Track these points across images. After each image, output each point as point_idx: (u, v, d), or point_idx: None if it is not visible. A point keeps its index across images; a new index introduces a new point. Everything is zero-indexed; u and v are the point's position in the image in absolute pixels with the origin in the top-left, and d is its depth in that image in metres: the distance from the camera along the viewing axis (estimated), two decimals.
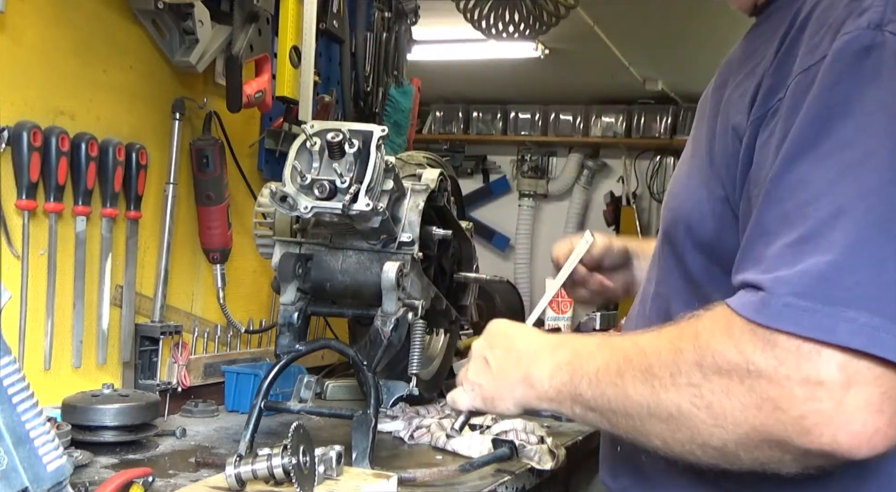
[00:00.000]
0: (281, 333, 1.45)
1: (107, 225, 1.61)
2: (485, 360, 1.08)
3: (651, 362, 0.85)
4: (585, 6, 3.56)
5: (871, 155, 0.77)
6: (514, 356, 1.04)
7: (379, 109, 2.39)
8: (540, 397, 0.98)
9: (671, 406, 0.82)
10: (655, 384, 0.83)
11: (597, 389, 0.90)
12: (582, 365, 0.93)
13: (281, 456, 1.06)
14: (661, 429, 0.84)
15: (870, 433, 0.72)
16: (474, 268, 1.90)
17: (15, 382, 0.87)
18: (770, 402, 0.75)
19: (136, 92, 1.71)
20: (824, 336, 0.73)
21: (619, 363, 0.89)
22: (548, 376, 0.97)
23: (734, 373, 0.77)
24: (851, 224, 0.75)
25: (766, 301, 0.76)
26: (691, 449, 0.82)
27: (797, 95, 0.82)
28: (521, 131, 6.42)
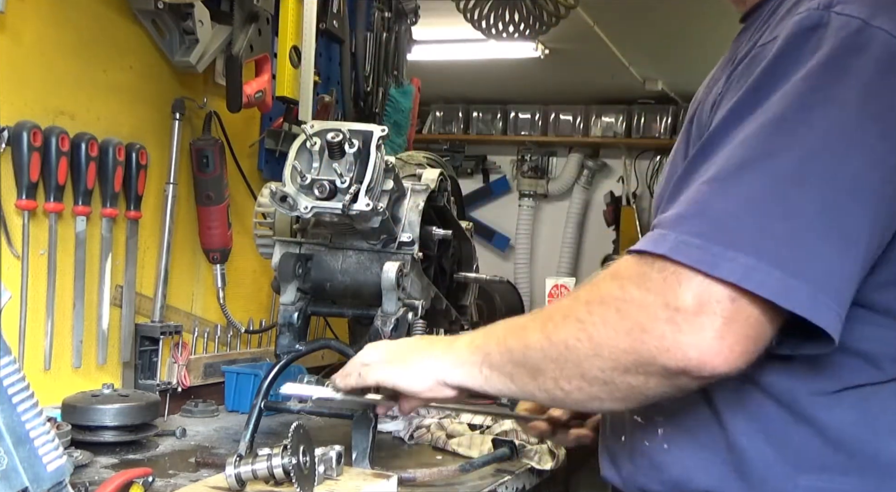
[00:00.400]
0: (281, 333, 1.45)
1: (107, 225, 1.61)
2: (407, 344, 1.13)
3: (550, 311, 0.93)
4: (585, 6, 3.56)
5: (786, 119, 0.84)
6: (436, 341, 1.12)
7: (379, 109, 2.39)
8: (455, 363, 1.02)
9: (560, 344, 0.89)
10: (549, 327, 0.91)
11: (503, 345, 0.96)
12: (497, 330, 0.99)
13: (281, 456, 1.06)
14: (553, 370, 0.90)
15: (714, 354, 0.81)
16: (474, 268, 1.90)
17: (15, 382, 0.87)
18: (638, 325, 0.83)
19: (136, 92, 1.71)
20: (703, 267, 0.81)
21: (525, 320, 0.96)
22: (467, 344, 1.02)
23: (612, 303, 0.86)
24: (754, 176, 0.83)
25: (665, 236, 0.84)
26: (579, 385, 0.89)
27: (748, 67, 0.91)
28: (521, 131, 6.41)
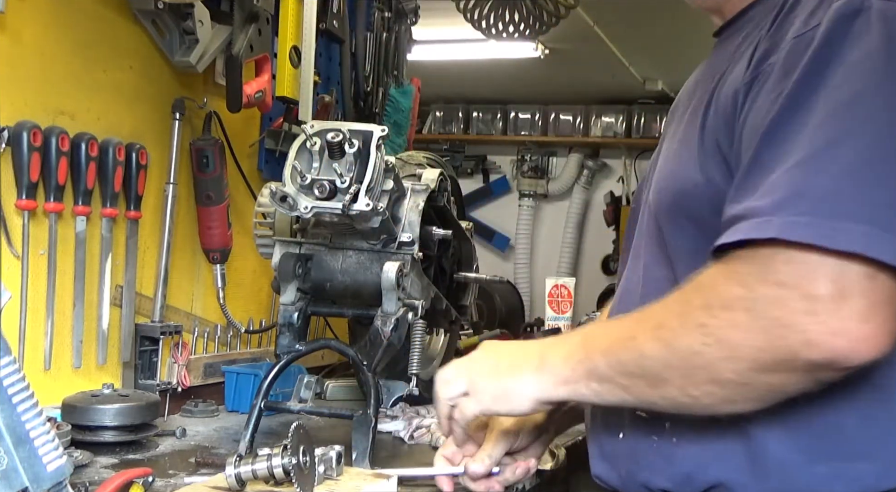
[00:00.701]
0: (281, 333, 1.45)
1: (107, 225, 1.61)
2: (468, 369, 1.08)
3: (660, 319, 0.90)
4: (585, 6, 3.56)
5: (859, 96, 0.86)
6: (517, 354, 1.05)
7: (379, 109, 2.39)
8: (558, 382, 0.98)
9: (685, 351, 0.87)
10: (667, 336, 0.88)
11: (612, 357, 0.93)
12: (595, 341, 0.97)
13: (281, 456, 1.06)
14: (678, 378, 0.88)
15: (862, 339, 0.79)
16: (474, 268, 1.90)
17: (15, 382, 0.87)
18: (774, 322, 0.81)
19: (136, 92, 1.71)
20: (822, 242, 0.79)
21: (630, 329, 0.93)
22: (562, 359, 0.98)
23: (738, 304, 0.83)
24: (843, 152, 0.83)
25: (769, 221, 0.82)
26: (710, 389, 0.87)
27: (792, 56, 0.90)
28: (521, 131, 6.42)
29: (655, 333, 0.90)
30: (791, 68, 0.90)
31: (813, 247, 0.80)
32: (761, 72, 0.93)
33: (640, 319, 0.94)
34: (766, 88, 0.91)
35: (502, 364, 1.05)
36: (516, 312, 4.39)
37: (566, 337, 1.05)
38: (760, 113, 0.91)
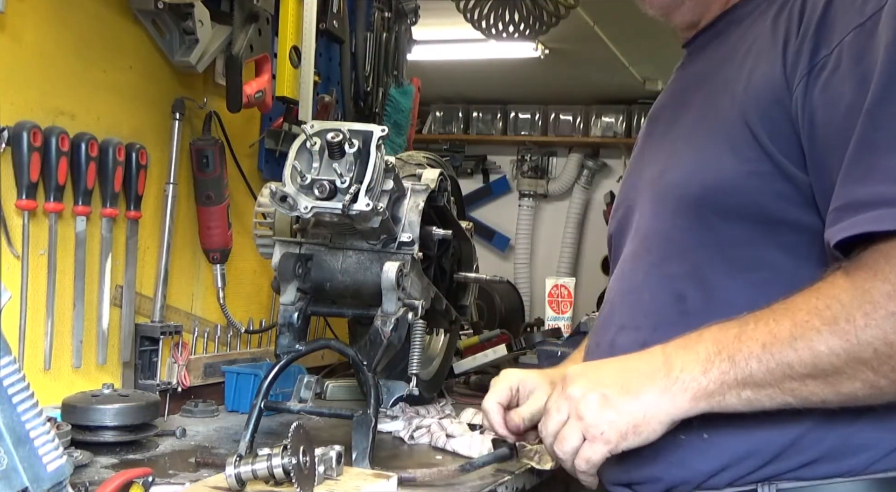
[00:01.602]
0: (281, 333, 1.45)
1: (107, 225, 1.61)
2: (601, 395, 0.95)
3: (834, 313, 0.86)
4: (585, 6, 3.56)
5: None
6: (636, 375, 0.95)
7: (379, 109, 2.39)
8: (697, 396, 0.91)
9: (875, 341, 0.84)
10: (848, 328, 0.85)
11: (771, 361, 0.88)
12: (739, 347, 0.90)
13: (281, 456, 1.06)
14: (864, 371, 0.85)
15: None
16: (474, 268, 1.90)
17: (15, 382, 0.86)
18: None
19: (136, 92, 1.71)
20: None
21: (788, 328, 0.88)
22: (700, 372, 0.91)
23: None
24: None
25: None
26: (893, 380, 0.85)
27: (859, 45, 0.92)
28: (521, 131, 6.41)
29: (832, 328, 0.86)
30: (864, 54, 0.91)
31: None
32: (818, 64, 0.94)
33: (793, 317, 0.89)
34: (840, 75, 0.92)
35: (615, 389, 0.94)
36: (516, 312, 4.39)
37: (688, 343, 0.94)
38: (843, 98, 0.91)
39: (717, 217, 1.01)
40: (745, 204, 0.99)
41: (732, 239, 1.01)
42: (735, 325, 0.92)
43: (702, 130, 1.07)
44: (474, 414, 1.66)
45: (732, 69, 1.06)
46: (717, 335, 0.92)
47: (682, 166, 1.08)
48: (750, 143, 0.99)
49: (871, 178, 0.87)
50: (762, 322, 0.90)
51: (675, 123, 1.16)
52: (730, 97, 1.03)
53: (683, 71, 1.24)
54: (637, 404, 0.92)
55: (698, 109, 1.11)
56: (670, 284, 1.05)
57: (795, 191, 0.97)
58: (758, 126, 0.98)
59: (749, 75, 1.02)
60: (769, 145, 0.98)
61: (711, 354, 0.91)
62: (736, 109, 1.01)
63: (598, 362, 1.02)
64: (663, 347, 0.96)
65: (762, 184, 0.98)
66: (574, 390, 0.96)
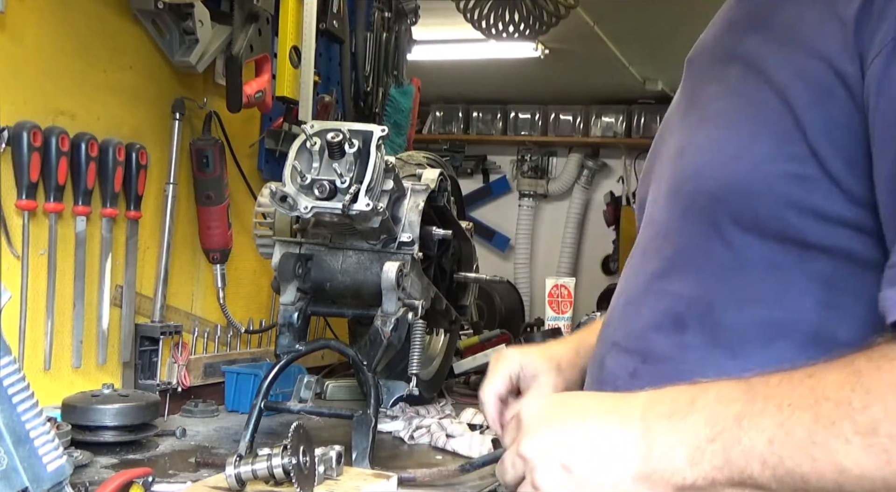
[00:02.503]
0: (281, 333, 1.45)
1: (107, 225, 1.61)
2: (562, 466, 0.75)
3: (874, 418, 0.62)
4: (585, 6, 3.56)
5: None
6: (606, 445, 0.74)
7: (379, 109, 2.39)
8: (679, 489, 0.71)
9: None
10: (891, 448, 0.61)
11: (780, 467, 0.65)
12: (739, 438, 0.68)
13: (281, 456, 1.06)
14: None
15: None
16: (474, 268, 1.90)
17: (15, 382, 0.87)
18: None
19: (136, 92, 1.71)
20: None
21: (807, 427, 0.64)
22: (686, 461, 0.70)
23: None
24: None
25: None
26: None
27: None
28: (521, 131, 6.41)
29: (867, 442, 0.61)
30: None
31: None
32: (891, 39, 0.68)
33: (816, 409, 0.64)
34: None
35: (578, 462, 0.75)
36: (516, 313, 4.39)
37: (676, 412, 0.72)
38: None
39: (734, 226, 0.79)
40: (773, 215, 0.76)
41: (750, 259, 0.78)
42: (738, 396, 0.69)
43: (733, 103, 0.81)
44: (474, 414, 1.67)
45: (793, 11, 0.78)
46: (713, 410, 0.70)
47: (703, 149, 0.84)
48: (790, 131, 0.74)
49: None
50: (773, 404, 0.66)
51: (711, 77, 0.87)
52: (775, 58, 0.77)
53: (738, 2, 0.91)
54: (607, 487, 0.73)
55: (741, 66, 0.82)
56: (671, 305, 0.85)
57: (845, 208, 0.72)
58: (807, 109, 0.73)
59: (808, 28, 0.74)
60: (818, 138, 0.73)
61: (703, 439, 0.69)
62: (779, 79, 0.76)
63: (564, 410, 0.80)
64: (643, 413, 0.74)
65: (798, 191, 0.74)
66: (530, 448, 0.78)
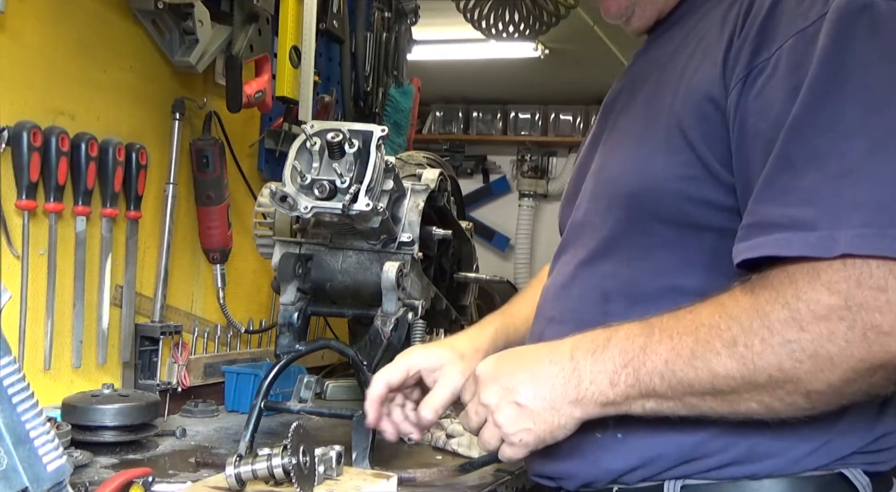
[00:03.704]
0: (281, 333, 1.45)
1: (107, 225, 1.61)
2: (515, 404, 0.97)
3: (734, 334, 0.86)
4: (585, 6, 3.55)
5: (892, 96, 0.85)
6: (546, 382, 0.96)
7: (379, 109, 2.39)
8: (605, 405, 0.94)
9: (770, 368, 0.84)
10: (746, 353, 0.85)
11: (673, 378, 0.89)
12: (644, 361, 0.91)
13: (281, 456, 1.06)
14: (758, 393, 0.86)
15: None
16: (474, 268, 1.90)
17: (15, 382, 0.86)
18: (874, 329, 0.80)
19: (136, 92, 1.71)
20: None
21: (689, 346, 0.88)
22: (608, 384, 0.93)
23: (833, 314, 0.81)
24: (889, 158, 0.83)
25: (831, 236, 0.81)
26: (793, 400, 0.85)
27: (798, 51, 0.89)
28: (521, 131, 6.42)
29: (731, 352, 0.86)
30: (802, 62, 0.88)
31: (892, 258, 0.80)
32: (757, 67, 0.91)
33: (700, 334, 0.88)
34: (774, 83, 0.89)
35: (528, 397, 0.96)
36: None
37: (596, 349, 0.94)
38: (773, 107, 0.89)
39: (648, 217, 1.00)
40: (672, 207, 0.98)
41: (660, 242, 1.00)
42: (642, 333, 0.92)
43: (641, 127, 1.05)
44: None
45: (679, 64, 1.03)
46: (624, 345, 0.93)
47: (619, 163, 1.07)
48: (681, 144, 0.97)
49: (783, 197, 0.86)
50: (666, 335, 0.90)
51: (622, 113, 1.13)
52: (671, 94, 1.01)
53: (641, 57, 1.20)
54: (551, 412, 0.95)
55: (642, 103, 1.08)
56: (598, 282, 1.05)
57: (725, 197, 0.95)
58: (692, 128, 0.96)
59: (692, 73, 0.99)
60: (702, 148, 0.95)
61: (618, 366, 0.92)
62: (673, 108, 0.99)
63: (510, 363, 1.01)
64: (572, 351, 0.96)
65: (690, 188, 0.96)
66: (488, 396, 0.99)
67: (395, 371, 1.23)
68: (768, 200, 0.87)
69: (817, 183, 0.84)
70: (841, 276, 0.81)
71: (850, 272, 0.80)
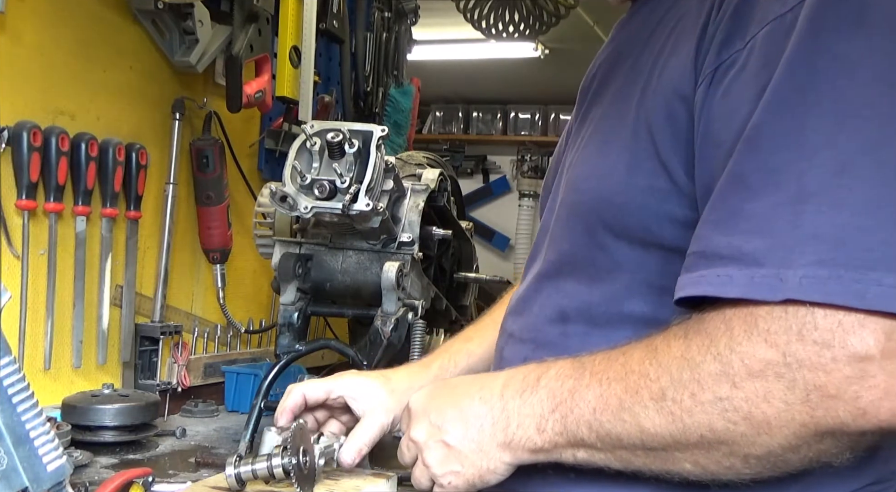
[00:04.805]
0: (281, 333, 1.45)
1: (107, 225, 1.61)
2: (443, 443, 0.90)
3: (662, 386, 0.74)
4: (585, 6, 3.56)
5: (868, 105, 0.70)
6: (475, 423, 0.88)
7: (379, 109, 2.39)
8: (535, 452, 0.85)
9: (701, 428, 0.72)
10: (675, 410, 0.73)
11: (601, 430, 0.79)
12: (572, 408, 0.81)
13: (281, 456, 1.06)
14: (691, 454, 0.75)
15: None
16: (474, 268, 1.90)
17: (15, 382, 0.86)
18: (818, 391, 0.67)
19: (136, 92, 1.71)
20: (855, 302, 0.66)
21: (618, 396, 0.78)
22: (535, 430, 0.84)
23: (769, 371, 0.68)
24: (858, 181, 0.68)
25: (778, 276, 0.68)
26: (731, 463, 0.74)
27: (772, 43, 0.74)
28: (521, 131, 6.42)
29: (658, 406, 0.74)
30: (774, 57, 0.73)
31: (846, 307, 0.66)
32: (727, 61, 0.77)
33: (626, 381, 0.77)
34: (743, 82, 0.75)
35: (457, 438, 0.89)
36: None
37: (526, 389, 0.85)
38: (739, 112, 0.74)
39: (608, 233, 0.88)
40: (634, 224, 0.85)
41: (619, 262, 0.88)
42: (572, 373, 0.82)
43: (607, 125, 0.91)
44: None
45: (655, 47, 0.88)
46: (553, 387, 0.83)
47: (583, 166, 0.94)
48: (648, 150, 0.83)
49: (733, 223, 0.72)
50: (596, 380, 0.79)
51: (594, 103, 0.99)
52: (640, 89, 0.86)
53: (623, 31, 1.02)
54: (480, 455, 0.88)
55: (613, 95, 0.93)
56: (557, 300, 0.95)
57: (692, 213, 0.80)
58: (659, 131, 0.82)
59: (665, 62, 0.84)
60: (668, 155, 0.81)
61: (546, 411, 0.83)
62: (642, 105, 0.85)
63: (441, 397, 0.94)
64: (503, 390, 0.88)
65: (654, 202, 0.83)
66: (417, 433, 0.93)
67: (315, 388, 1.16)
68: (715, 225, 0.74)
69: (772, 208, 0.70)
70: (781, 325, 0.68)
71: (792, 322, 0.67)
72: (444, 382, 1.00)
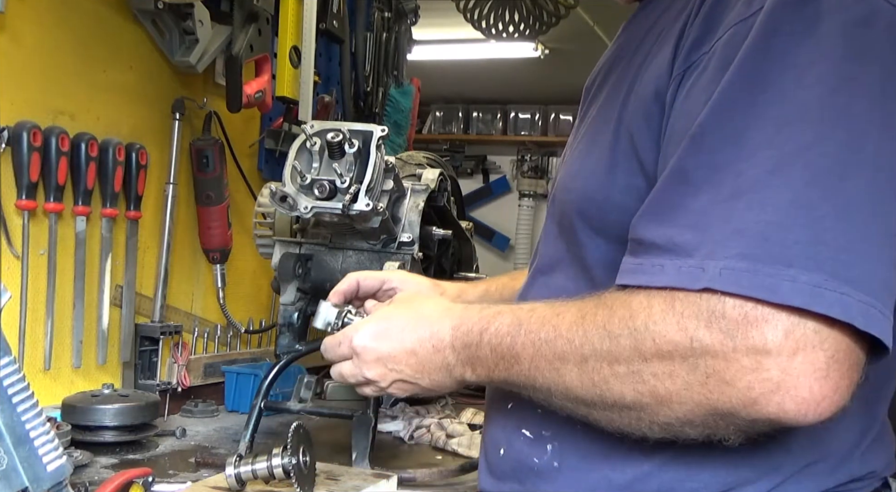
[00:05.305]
0: (281, 333, 1.45)
1: (107, 225, 1.61)
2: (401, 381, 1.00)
3: (584, 354, 0.80)
4: (585, 6, 3.56)
5: (808, 109, 0.72)
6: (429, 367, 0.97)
7: (379, 109, 2.39)
8: (471, 375, 0.93)
9: (615, 395, 0.78)
10: (595, 377, 0.79)
11: (536, 381, 0.85)
12: (514, 362, 0.88)
13: (281, 456, 1.06)
14: (607, 413, 0.81)
15: (817, 400, 0.69)
16: (474, 268, 1.90)
17: (15, 382, 0.86)
18: (715, 376, 0.71)
19: (136, 92, 1.71)
20: (766, 296, 0.69)
21: (549, 357, 0.83)
22: (482, 377, 0.92)
23: (676, 354, 0.73)
24: (788, 182, 0.71)
25: (701, 266, 0.72)
26: (638, 427, 0.80)
27: (732, 45, 0.77)
28: (521, 131, 6.42)
29: (580, 370, 0.80)
30: (730, 60, 0.76)
31: (757, 299, 0.69)
32: (695, 62, 0.80)
33: (554, 344, 0.82)
34: (702, 84, 0.78)
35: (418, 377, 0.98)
36: None
37: (471, 341, 0.92)
38: (693, 113, 0.77)
39: (591, 232, 0.92)
40: (615, 223, 0.87)
41: (600, 259, 0.91)
42: (511, 330, 0.88)
43: (596, 125, 0.95)
44: (474, 414, 1.67)
45: (645, 49, 0.91)
46: (496, 341, 0.89)
47: (572, 166, 0.97)
48: (628, 150, 0.86)
49: (671, 216, 0.76)
50: (530, 339, 0.85)
51: (593, 103, 1.02)
52: (626, 90, 0.90)
53: (626, 31, 1.05)
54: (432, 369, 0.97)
55: (606, 95, 0.97)
56: (546, 295, 0.97)
57: None
58: (639, 131, 0.85)
59: (648, 64, 0.87)
60: (645, 155, 0.85)
61: (491, 362, 0.90)
62: (626, 106, 0.88)
63: (393, 340, 1.00)
64: (452, 341, 0.94)
65: (633, 201, 0.84)
66: (373, 375, 1.02)
67: (371, 276, 1.22)
68: (655, 216, 0.78)
69: (708, 204, 0.73)
70: (693, 310, 0.72)
71: (704, 308, 0.71)
72: (406, 310, 1.03)
